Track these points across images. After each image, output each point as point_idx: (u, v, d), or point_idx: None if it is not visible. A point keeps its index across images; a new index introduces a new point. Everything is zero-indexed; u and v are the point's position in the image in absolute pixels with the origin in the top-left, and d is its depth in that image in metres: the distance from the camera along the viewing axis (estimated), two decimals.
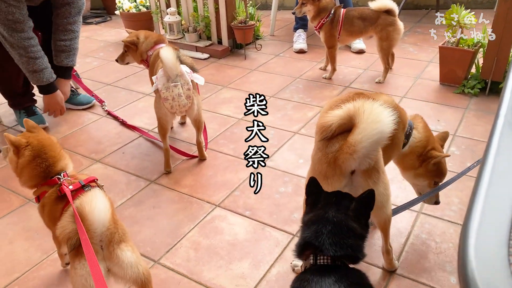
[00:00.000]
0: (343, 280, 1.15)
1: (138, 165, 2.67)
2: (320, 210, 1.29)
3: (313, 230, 1.25)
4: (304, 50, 4.30)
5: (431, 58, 3.98)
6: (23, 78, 3.02)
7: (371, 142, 1.39)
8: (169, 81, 2.37)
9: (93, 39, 5.00)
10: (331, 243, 1.21)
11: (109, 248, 1.44)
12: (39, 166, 1.68)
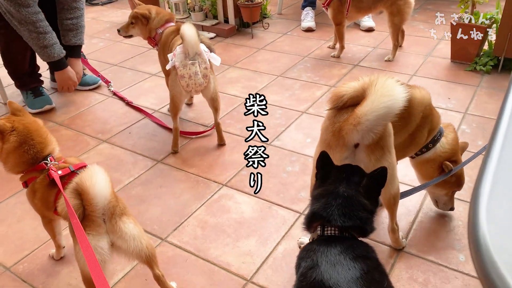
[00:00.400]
0: (349, 252, 1.14)
1: (145, 145, 2.66)
2: (330, 185, 1.27)
3: (322, 202, 1.24)
4: (312, 28, 4.22)
5: (442, 35, 3.88)
6: (29, 58, 3.01)
7: (377, 116, 1.36)
8: (187, 58, 2.33)
9: (99, 20, 4.96)
10: (340, 214, 1.20)
11: (111, 221, 1.44)
12: (26, 153, 1.64)
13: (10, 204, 2.24)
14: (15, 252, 1.95)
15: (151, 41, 2.81)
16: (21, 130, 1.65)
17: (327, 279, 1.08)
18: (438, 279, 1.71)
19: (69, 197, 1.43)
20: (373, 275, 1.12)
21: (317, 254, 1.16)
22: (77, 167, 1.64)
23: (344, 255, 1.14)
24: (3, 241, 2.02)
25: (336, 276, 1.08)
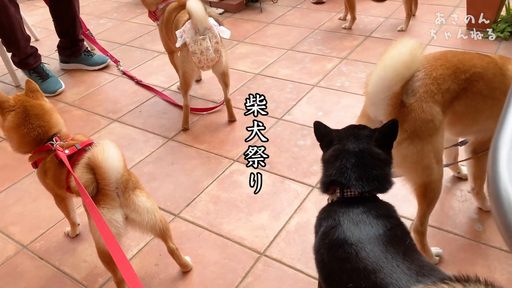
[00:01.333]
0: (371, 211, 1.11)
1: (155, 123, 2.65)
2: (338, 145, 1.20)
3: (337, 166, 1.17)
4: (322, 0, 4.11)
5: (458, 3, 3.75)
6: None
7: (375, 90, 1.31)
8: (197, 34, 2.28)
9: (106, 0, 4.91)
10: (357, 178, 1.15)
11: (124, 195, 1.44)
12: (27, 135, 1.64)
13: (25, 184, 2.27)
14: (31, 231, 1.98)
15: (151, 15, 2.74)
16: (20, 112, 1.65)
17: (349, 237, 1.05)
18: (455, 248, 1.68)
19: (81, 172, 1.43)
20: (396, 231, 1.09)
21: (338, 214, 1.13)
22: (83, 144, 1.64)
23: (367, 214, 1.11)
24: (19, 220, 2.05)
25: (359, 234, 1.06)
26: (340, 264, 1.04)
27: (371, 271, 0.97)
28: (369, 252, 1.01)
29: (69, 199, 1.83)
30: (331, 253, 1.08)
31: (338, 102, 2.63)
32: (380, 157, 1.18)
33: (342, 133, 1.24)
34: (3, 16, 2.75)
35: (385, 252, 1.01)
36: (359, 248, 1.02)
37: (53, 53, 3.67)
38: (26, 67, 3.04)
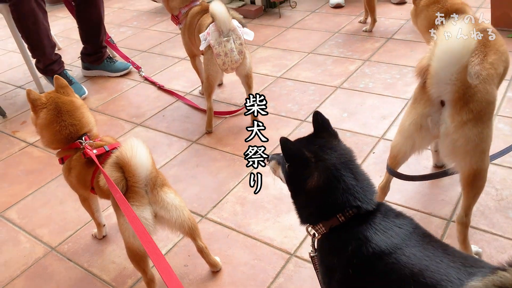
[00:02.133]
0: (388, 213, 1.06)
1: (179, 127, 2.65)
2: (321, 163, 1.08)
3: (342, 188, 1.06)
4: (341, 4, 4.10)
5: (481, 2, 3.69)
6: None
7: (440, 63, 1.27)
8: (221, 36, 2.29)
9: (125, 9, 4.98)
10: (364, 191, 1.07)
11: (153, 192, 1.44)
12: (59, 132, 1.65)
13: (51, 187, 2.28)
14: (59, 233, 1.98)
15: (174, 19, 2.75)
16: (52, 109, 1.66)
17: (385, 247, 0.98)
18: (493, 248, 1.62)
19: (109, 171, 1.43)
20: (421, 227, 1.04)
21: (360, 232, 1.03)
22: (112, 147, 1.64)
23: (387, 218, 1.04)
24: (47, 222, 2.05)
25: (392, 240, 0.99)
26: (383, 277, 0.97)
27: (418, 273, 0.91)
28: (409, 255, 0.96)
29: (93, 199, 1.83)
30: (368, 271, 0.99)
31: (363, 103, 2.60)
32: (353, 154, 1.13)
33: (312, 148, 1.10)
34: (31, 22, 2.81)
35: (424, 251, 0.97)
36: (398, 254, 0.96)
37: (75, 61, 3.73)
38: (50, 74, 3.08)
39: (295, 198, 1.18)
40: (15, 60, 3.91)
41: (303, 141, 1.16)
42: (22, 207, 2.17)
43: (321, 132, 1.16)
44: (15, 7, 2.77)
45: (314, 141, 1.14)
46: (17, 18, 2.83)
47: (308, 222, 1.15)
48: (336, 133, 1.18)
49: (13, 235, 2.00)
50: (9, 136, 2.79)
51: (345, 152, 1.12)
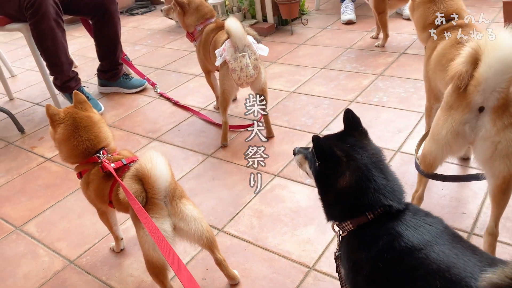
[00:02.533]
0: (418, 212, 1.09)
1: (194, 141, 2.67)
2: (352, 163, 1.10)
3: (372, 188, 1.08)
4: (352, 20, 4.14)
5: (493, 17, 3.71)
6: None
7: (495, 72, 1.26)
8: (237, 52, 2.34)
9: (140, 28, 5.09)
10: (393, 191, 1.09)
11: (172, 204, 1.44)
12: (76, 147, 1.66)
13: (69, 202, 2.31)
14: (78, 246, 1.99)
15: (189, 36, 2.80)
16: (69, 124, 1.68)
17: (417, 242, 1.00)
18: None
19: (129, 183, 1.44)
20: (451, 228, 1.06)
21: (392, 228, 1.05)
22: (129, 160, 1.65)
23: (417, 216, 1.07)
24: (65, 236, 2.07)
25: (424, 237, 1.01)
26: (411, 271, 0.99)
27: (445, 269, 0.93)
28: (438, 252, 0.98)
29: (111, 213, 1.84)
30: (398, 265, 1.01)
31: (378, 117, 2.60)
32: (383, 154, 1.15)
33: (343, 147, 1.12)
34: (50, 40, 2.88)
35: (453, 249, 0.98)
36: (428, 250, 0.98)
37: (91, 78, 3.80)
38: (67, 91, 3.15)
39: (323, 195, 1.19)
40: (33, 78, 4.01)
41: (334, 139, 1.17)
42: (41, 220, 2.19)
43: (352, 130, 1.18)
44: (34, 26, 2.85)
45: (345, 139, 1.15)
46: (37, 37, 2.90)
47: (335, 219, 1.18)
48: (367, 131, 1.18)
49: (32, 248, 2.02)
50: (28, 152, 2.84)
51: (375, 151, 1.14)
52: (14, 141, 3.00)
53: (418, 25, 2.08)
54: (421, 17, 2.03)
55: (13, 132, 3.09)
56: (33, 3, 2.76)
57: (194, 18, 2.70)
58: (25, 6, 2.78)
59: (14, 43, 5.25)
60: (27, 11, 2.79)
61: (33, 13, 2.78)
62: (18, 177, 2.59)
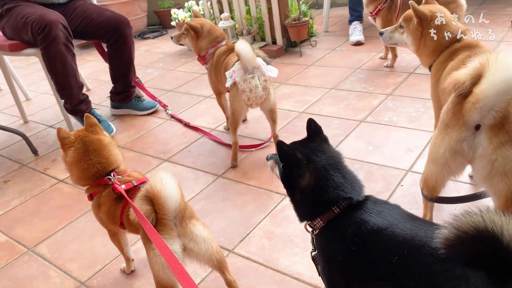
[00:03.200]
0: (377, 201, 1.22)
1: (204, 162, 2.69)
2: (313, 164, 1.21)
3: (332, 185, 1.19)
4: (361, 41, 4.18)
5: (501, 37, 3.71)
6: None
7: (496, 91, 1.26)
8: (246, 73, 2.38)
9: (152, 52, 5.20)
10: (352, 185, 1.21)
11: (182, 224, 1.44)
12: (87, 170, 1.68)
13: (81, 223, 2.32)
14: (89, 267, 2.00)
15: (201, 59, 2.85)
16: (79, 148, 1.70)
17: (382, 224, 1.12)
18: None
19: (139, 204, 1.45)
20: (408, 212, 1.20)
21: (357, 217, 1.17)
22: (139, 181, 1.67)
23: (377, 204, 1.20)
24: (77, 257, 2.07)
25: (387, 220, 1.14)
26: (382, 247, 1.10)
27: (410, 239, 1.06)
28: (402, 228, 1.11)
29: (121, 234, 1.85)
30: (369, 245, 1.13)
31: (388, 136, 2.59)
32: (341, 156, 1.28)
33: (304, 151, 1.24)
34: (59, 64, 2.94)
35: (414, 224, 1.11)
36: (394, 228, 1.11)
37: (103, 101, 3.88)
38: (79, 114, 3.20)
39: (291, 196, 1.30)
40: (47, 102, 4.10)
41: (297, 144, 1.30)
42: (52, 242, 2.20)
43: (314, 137, 1.31)
44: (45, 50, 2.93)
45: (307, 145, 1.28)
46: (47, 60, 2.98)
47: (306, 218, 1.28)
48: (327, 138, 1.32)
49: (44, 269, 2.03)
50: (41, 173, 2.88)
51: (333, 155, 1.26)
52: (28, 163, 3.05)
53: (427, 50, 2.07)
54: (430, 43, 2.03)
55: (27, 154, 3.14)
56: (43, 28, 2.85)
57: (206, 42, 2.75)
58: (36, 31, 2.87)
59: (29, 67, 5.39)
60: (38, 35, 2.87)
61: (43, 37, 2.87)
62: (31, 198, 2.62)
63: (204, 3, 4.70)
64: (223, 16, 4.44)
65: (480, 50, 1.90)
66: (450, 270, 0.96)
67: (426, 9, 2.06)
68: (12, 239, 2.28)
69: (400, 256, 1.05)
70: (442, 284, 0.97)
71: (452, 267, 0.95)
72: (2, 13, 3.09)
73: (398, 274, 1.05)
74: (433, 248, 0.99)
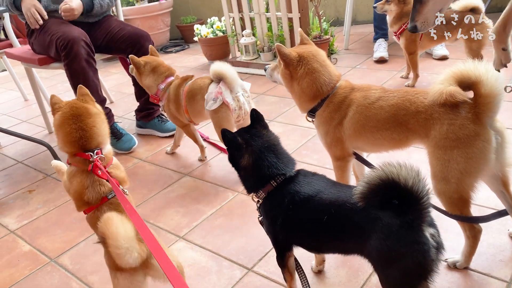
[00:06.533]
0: (307, 174, 1.53)
1: (224, 177, 2.71)
2: (251, 147, 1.48)
3: (267, 164, 1.47)
4: (385, 58, 4.18)
5: None
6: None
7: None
8: (233, 92, 2.49)
9: (174, 65, 5.21)
10: (285, 163, 1.50)
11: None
12: (69, 135, 1.65)
13: None
14: (109, 280, 1.99)
15: (154, 98, 2.87)
16: (65, 112, 1.69)
17: (311, 193, 1.42)
18: None
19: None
20: (333, 180, 1.54)
21: (291, 189, 1.45)
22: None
23: (307, 177, 1.49)
24: (98, 269, 2.10)
25: (315, 188, 1.43)
26: (313, 210, 1.40)
27: (334, 200, 1.38)
28: (328, 193, 1.41)
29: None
30: (302, 210, 1.41)
31: (409, 157, 2.57)
32: (277, 139, 1.55)
33: (245, 136, 1.50)
34: (82, 79, 3.00)
35: (337, 189, 1.43)
36: (321, 194, 1.41)
37: (127, 113, 3.95)
38: None
39: (238, 173, 1.57)
40: None
41: (240, 131, 1.55)
42: (74, 253, 2.24)
43: (256, 124, 1.54)
44: (68, 66, 3.02)
45: (248, 131, 1.53)
46: (70, 76, 3.07)
47: (252, 191, 1.55)
48: (267, 125, 1.57)
49: (66, 281, 2.06)
50: None
51: (270, 138, 1.52)
52: (52, 173, 3.12)
53: (305, 95, 1.87)
54: (308, 87, 1.84)
55: None
56: (65, 45, 2.95)
57: (154, 79, 2.83)
58: (60, 48, 2.97)
59: (54, 78, 5.54)
60: (61, 52, 2.98)
61: (66, 54, 2.97)
62: (54, 209, 2.68)
63: (226, 19, 4.77)
64: (245, 32, 4.51)
65: (358, 89, 1.84)
66: (367, 216, 1.26)
67: (294, 51, 1.83)
68: (35, 249, 2.33)
69: (329, 215, 1.35)
70: (363, 227, 1.27)
71: (368, 213, 1.25)
72: (33, 30, 3.21)
73: (329, 228, 1.37)
74: (353, 203, 1.28)
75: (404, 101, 1.67)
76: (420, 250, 1.19)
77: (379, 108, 1.72)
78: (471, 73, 1.48)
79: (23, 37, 4.14)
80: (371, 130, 1.76)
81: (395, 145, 1.83)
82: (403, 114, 1.66)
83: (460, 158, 1.52)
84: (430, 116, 1.59)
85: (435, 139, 1.59)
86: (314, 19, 4.36)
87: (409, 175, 1.15)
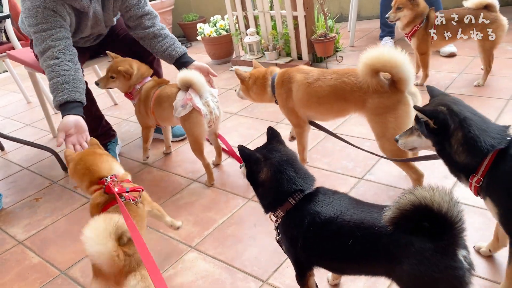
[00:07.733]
0: (327, 192, 1.47)
1: (234, 183, 2.67)
2: (269, 161, 1.46)
3: (286, 179, 1.44)
4: None
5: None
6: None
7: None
8: (202, 98, 2.53)
9: None
10: (304, 179, 1.46)
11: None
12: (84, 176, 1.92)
13: None
14: None
15: (128, 96, 2.89)
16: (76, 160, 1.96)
17: (333, 215, 1.36)
18: None
19: None
20: (355, 198, 1.46)
21: (311, 209, 1.40)
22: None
23: (327, 196, 1.44)
24: None
25: (337, 209, 1.38)
26: (336, 233, 1.35)
27: (359, 223, 1.31)
28: (351, 214, 1.35)
29: None
30: (324, 233, 1.37)
31: (422, 163, 2.53)
32: (295, 155, 1.53)
33: (262, 151, 1.50)
34: None
35: (360, 209, 1.36)
36: (343, 216, 1.35)
37: (132, 116, 3.90)
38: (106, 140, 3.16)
39: (256, 191, 1.53)
40: None
41: (257, 148, 1.54)
42: (84, 265, 2.21)
43: (272, 141, 1.56)
44: None
45: (265, 146, 1.54)
46: None
47: (269, 209, 1.52)
48: (283, 141, 1.57)
49: None
50: (71, 191, 2.91)
51: (287, 153, 1.51)
52: (58, 180, 3.08)
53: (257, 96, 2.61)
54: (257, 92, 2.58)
55: (58, 171, 3.18)
56: None
57: (135, 79, 2.81)
58: None
59: None
60: None
61: None
62: (62, 218, 2.64)
63: (230, 18, 4.71)
64: (249, 31, 4.44)
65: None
66: (397, 240, 1.21)
67: (246, 72, 2.60)
68: (44, 261, 2.29)
69: (355, 238, 1.29)
70: (393, 251, 1.22)
71: (399, 237, 1.21)
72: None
73: (355, 251, 1.31)
74: (381, 226, 1.24)
75: (341, 82, 2.18)
76: (455, 275, 1.15)
77: (318, 87, 2.26)
78: (387, 64, 2.02)
79: (25, 39, 4.09)
80: (315, 103, 2.31)
81: (337, 114, 2.40)
82: (341, 93, 2.17)
83: (391, 119, 2.06)
84: (364, 93, 2.10)
85: (370, 109, 2.12)
86: (319, 17, 4.29)
87: (443, 200, 1.11)
